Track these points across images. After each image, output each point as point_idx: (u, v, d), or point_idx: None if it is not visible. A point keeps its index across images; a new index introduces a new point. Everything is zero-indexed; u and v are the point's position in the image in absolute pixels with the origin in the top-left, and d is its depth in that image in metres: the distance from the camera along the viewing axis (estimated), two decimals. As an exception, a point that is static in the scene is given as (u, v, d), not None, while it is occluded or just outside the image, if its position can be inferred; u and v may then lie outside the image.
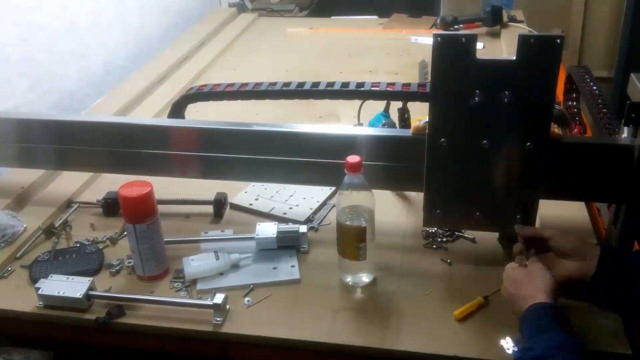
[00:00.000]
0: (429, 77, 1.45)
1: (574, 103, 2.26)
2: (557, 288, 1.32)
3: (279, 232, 1.67)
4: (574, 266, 1.38)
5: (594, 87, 2.07)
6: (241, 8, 4.20)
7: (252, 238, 1.67)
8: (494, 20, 3.41)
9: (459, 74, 1.40)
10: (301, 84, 1.80)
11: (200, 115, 2.25)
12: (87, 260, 1.66)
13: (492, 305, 1.47)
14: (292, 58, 3.25)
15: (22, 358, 1.52)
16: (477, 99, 1.41)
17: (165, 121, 2.00)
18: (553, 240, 1.42)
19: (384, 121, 2.02)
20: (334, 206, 1.86)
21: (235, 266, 1.63)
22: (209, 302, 1.45)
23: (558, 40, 1.33)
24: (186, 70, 3.06)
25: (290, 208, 1.88)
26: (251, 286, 1.57)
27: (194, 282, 1.59)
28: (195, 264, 1.60)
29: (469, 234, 1.71)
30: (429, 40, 1.61)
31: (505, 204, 1.53)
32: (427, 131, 1.50)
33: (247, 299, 1.53)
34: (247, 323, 1.46)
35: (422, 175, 1.55)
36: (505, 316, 1.41)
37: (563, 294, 1.34)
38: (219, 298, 1.45)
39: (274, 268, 1.63)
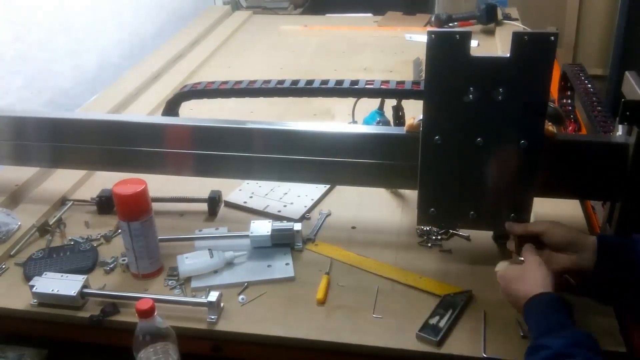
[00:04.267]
0: (424, 75, 1.45)
1: (569, 101, 2.27)
2: (556, 280, 1.30)
3: (273, 230, 1.67)
4: (569, 260, 1.37)
5: (589, 85, 2.08)
6: (235, 6, 4.20)
7: (247, 236, 1.67)
8: (489, 17, 3.42)
9: (453, 72, 1.40)
10: (295, 82, 1.80)
11: (195, 113, 2.25)
12: (81, 258, 1.66)
13: (482, 302, 1.48)
14: (287, 56, 3.25)
15: (15, 356, 1.51)
16: (471, 96, 1.41)
17: (159, 119, 2.00)
18: (545, 235, 1.41)
19: (378, 119, 2.02)
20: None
21: (229, 264, 1.62)
22: (203, 300, 1.45)
23: (552, 38, 1.33)
24: (180, 68, 3.05)
25: (285, 206, 1.88)
26: (245, 284, 1.57)
27: (188, 280, 1.59)
28: (189, 261, 1.60)
29: (463, 231, 1.72)
30: (423, 38, 1.61)
31: (499, 201, 1.53)
32: (421, 129, 1.50)
33: (241, 296, 1.53)
34: (241, 321, 1.46)
35: (417, 173, 1.55)
36: (497, 313, 1.43)
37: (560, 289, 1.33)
38: (213, 296, 1.45)
39: (269, 266, 1.63)
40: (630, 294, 1.34)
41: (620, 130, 1.50)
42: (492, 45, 3.23)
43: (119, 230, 1.68)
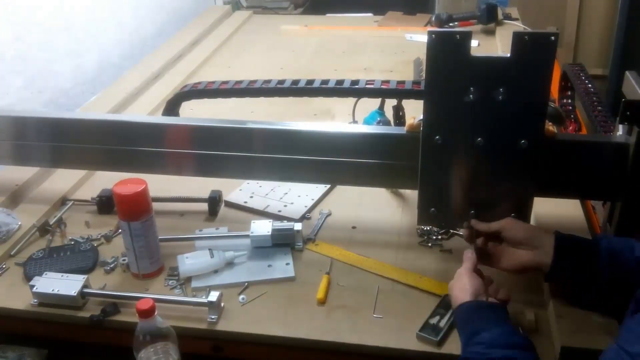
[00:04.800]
0: (424, 75, 1.45)
1: (569, 101, 2.26)
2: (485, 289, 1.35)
3: (273, 230, 1.67)
4: (526, 255, 1.39)
5: (589, 85, 2.08)
6: (236, 5, 4.21)
7: (247, 236, 1.67)
8: (489, 17, 3.42)
9: (454, 71, 1.40)
10: (296, 82, 1.80)
11: (195, 113, 2.25)
12: (81, 258, 1.66)
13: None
14: (287, 56, 3.25)
15: (16, 356, 1.51)
16: (471, 96, 1.41)
17: (159, 119, 1.99)
18: (505, 230, 1.44)
19: (378, 119, 2.02)
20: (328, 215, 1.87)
21: (229, 264, 1.62)
22: (203, 299, 1.45)
23: (552, 38, 1.33)
24: (180, 68, 3.05)
25: (285, 206, 1.88)
26: (246, 284, 1.57)
27: (189, 279, 1.59)
28: (189, 261, 1.60)
29: (464, 231, 1.72)
30: (423, 38, 1.61)
31: (499, 201, 1.53)
32: (421, 129, 1.50)
33: (241, 296, 1.53)
34: (241, 321, 1.46)
35: (417, 173, 1.55)
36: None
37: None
38: (213, 296, 1.45)
39: (269, 266, 1.63)
40: (590, 291, 1.37)
41: (620, 130, 1.50)
42: (492, 45, 3.23)
43: (120, 230, 1.68)
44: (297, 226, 1.69)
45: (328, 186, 1.94)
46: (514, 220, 1.46)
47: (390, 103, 1.94)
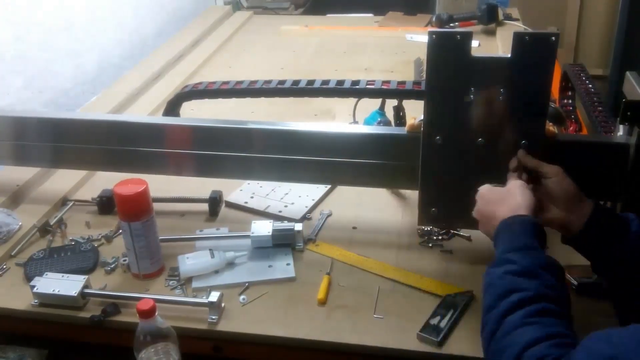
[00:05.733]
0: (425, 75, 1.45)
1: (570, 101, 2.26)
2: (538, 206, 1.30)
3: (274, 230, 1.67)
4: (557, 215, 1.35)
5: (590, 85, 2.07)
6: (236, 6, 4.20)
7: (248, 236, 1.67)
8: (490, 18, 3.42)
9: (454, 72, 1.40)
10: (296, 82, 1.80)
11: (195, 113, 2.25)
12: (82, 258, 1.66)
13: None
14: (287, 56, 3.25)
15: (16, 356, 1.51)
16: (472, 96, 1.41)
17: (160, 119, 2.00)
18: (550, 179, 1.38)
19: (379, 119, 2.02)
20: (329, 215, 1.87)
21: (230, 264, 1.62)
22: (204, 300, 1.45)
23: (553, 38, 1.33)
24: (181, 68, 3.05)
25: (286, 206, 1.88)
26: (246, 284, 1.56)
27: (189, 280, 1.59)
28: (190, 262, 1.60)
29: (464, 232, 1.72)
30: (424, 38, 1.61)
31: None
32: (422, 129, 1.50)
33: (242, 297, 1.53)
34: (242, 321, 1.46)
35: (418, 173, 1.55)
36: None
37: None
38: (214, 296, 1.45)
39: (269, 266, 1.62)
40: (617, 267, 1.32)
41: (621, 131, 1.50)
42: (493, 45, 3.23)
43: (120, 231, 1.68)
44: (298, 226, 1.69)
45: (328, 186, 1.94)
46: (563, 173, 1.39)
47: (391, 103, 1.94)
